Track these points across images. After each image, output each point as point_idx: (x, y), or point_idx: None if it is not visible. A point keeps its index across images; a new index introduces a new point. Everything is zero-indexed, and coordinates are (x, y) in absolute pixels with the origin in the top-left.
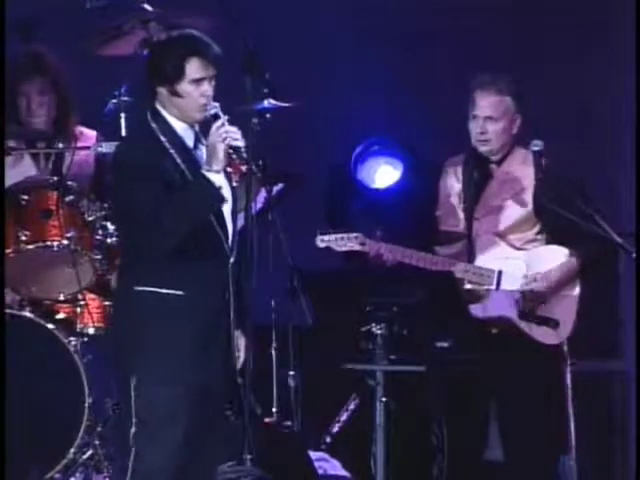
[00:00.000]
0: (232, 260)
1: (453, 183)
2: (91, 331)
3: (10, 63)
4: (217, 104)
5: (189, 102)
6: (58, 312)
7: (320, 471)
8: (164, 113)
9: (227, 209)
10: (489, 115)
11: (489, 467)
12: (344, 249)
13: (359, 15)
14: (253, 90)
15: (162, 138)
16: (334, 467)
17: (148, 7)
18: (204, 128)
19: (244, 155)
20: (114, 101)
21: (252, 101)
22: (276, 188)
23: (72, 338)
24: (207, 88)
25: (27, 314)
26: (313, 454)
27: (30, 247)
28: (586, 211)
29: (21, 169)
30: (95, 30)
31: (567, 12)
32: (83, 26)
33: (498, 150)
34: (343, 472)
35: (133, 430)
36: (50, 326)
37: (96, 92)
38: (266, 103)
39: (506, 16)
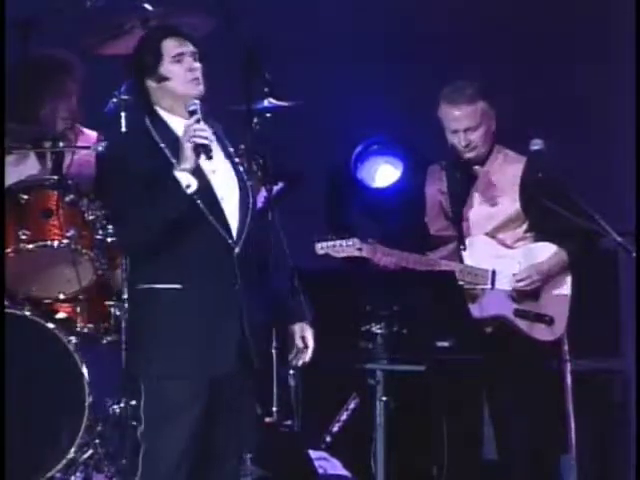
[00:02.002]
0: (237, 250)
1: (438, 188)
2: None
3: (34, 65)
4: (197, 102)
5: (177, 81)
6: (58, 311)
7: (320, 470)
8: (160, 112)
9: (231, 199)
10: (468, 127)
11: (489, 466)
12: (342, 255)
13: (360, 15)
14: (253, 89)
15: (154, 133)
16: (334, 466)
17: (148, 6)
18: None
19: (211, 155)
20: (114, 100)
21: (252, 100)
22: (276, 187)
23: (72, 337)
24: (190, 62)
25: (27, 313)
26: (313, 453)
27: (30, 246)
28: (585, 209)
29: (25, 168)
30: (95, 29)
31: (567, 10)
32: (83, 25)
33: (484, 153)
34: (343, 471)
35: (142, 428)
36: (50, 325)
37: (96, 91)
38: (266, 102)
39: (506, 16)
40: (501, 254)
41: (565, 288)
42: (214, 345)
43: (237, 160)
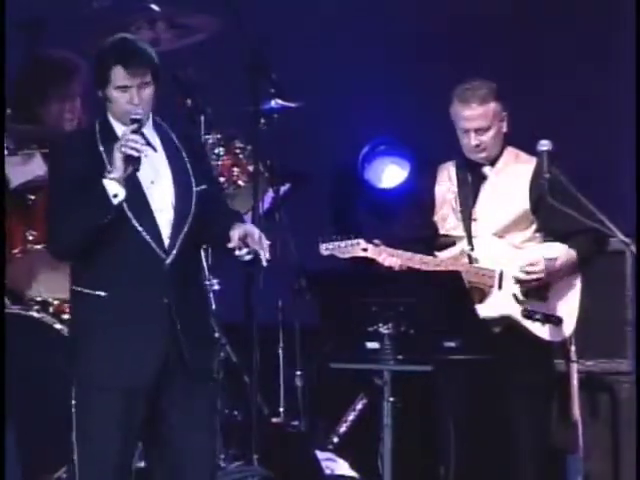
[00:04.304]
0: (168, 261)
1: (448, 187)
2: None
3: (40, 65)
4: (141, 111)
5: (117, 107)
6: (65, 312)
7: (327, 471)
8: (110, 117)
9: (169, 210)
10: (479, 127)
11: (496, 467)
12: (347, 256)
13: (364, 15)
14: (260, 90)
15: (98, 137)
16: (341, 467)
17: (155, 7)
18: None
19: (138, 168)
20: None
21: (259, 101)
22: (283, 188)
23: None
24: (134, 94)
25: (34, 314)
26: (320, 454)
27: (37, 247)
28: (592, 210)
29: (32, 168)
30: (101, 30)
31: (567, 12)
32: (89, 26)
33: (495, 153)
34: (350, 472)
35: (74, 434)
36: (57, 326)
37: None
38: (273, 103)
39: (507, 16)
40: (509, 254)
41: (574, 289)
42: (132, 358)
43: (190, 168)
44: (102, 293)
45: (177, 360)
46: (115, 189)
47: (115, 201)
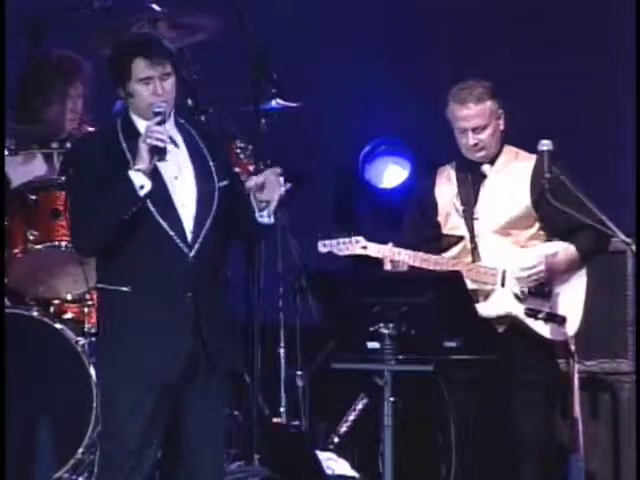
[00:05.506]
0: (192, 255)
1: (449, 188)
2: None
3: (42, 65)
4: (164, 104)
5: (140, 101)
6: (66, 312)
7: (328, 471)
8: (132, 114)
9: (192, 205)
10: (477, 126)
11: (497, 466)
12: (346, 253)
13: (368, 15)
14: (261, 90)
15: (120, 134)
16: (342, 467)
17: (156, 7)
18: None
19: (164, 158)
20: (122, 101)
21: (260, 101)
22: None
23: (80, 338)
24: (157, 85)
25: (35, 314)
26: (321, 454)
27: (38, 247)
28: (593, 210)
29: (33, 168)
30: (102, 30)
31: (568, 11)
32: (91, 26)
33: (494, 152)
34: (351, 472)
35: (99, 428)
36: (58, 326)
37: (104, 92)
38: (274, 103)
39: (507, 15)
40: (513, 253)
41: (579, 288)
42: (157, 353)
43: (212, 164)
44: (126, 289)
45: (201, 355)
46: (141, 180)
47: (141, 192)
